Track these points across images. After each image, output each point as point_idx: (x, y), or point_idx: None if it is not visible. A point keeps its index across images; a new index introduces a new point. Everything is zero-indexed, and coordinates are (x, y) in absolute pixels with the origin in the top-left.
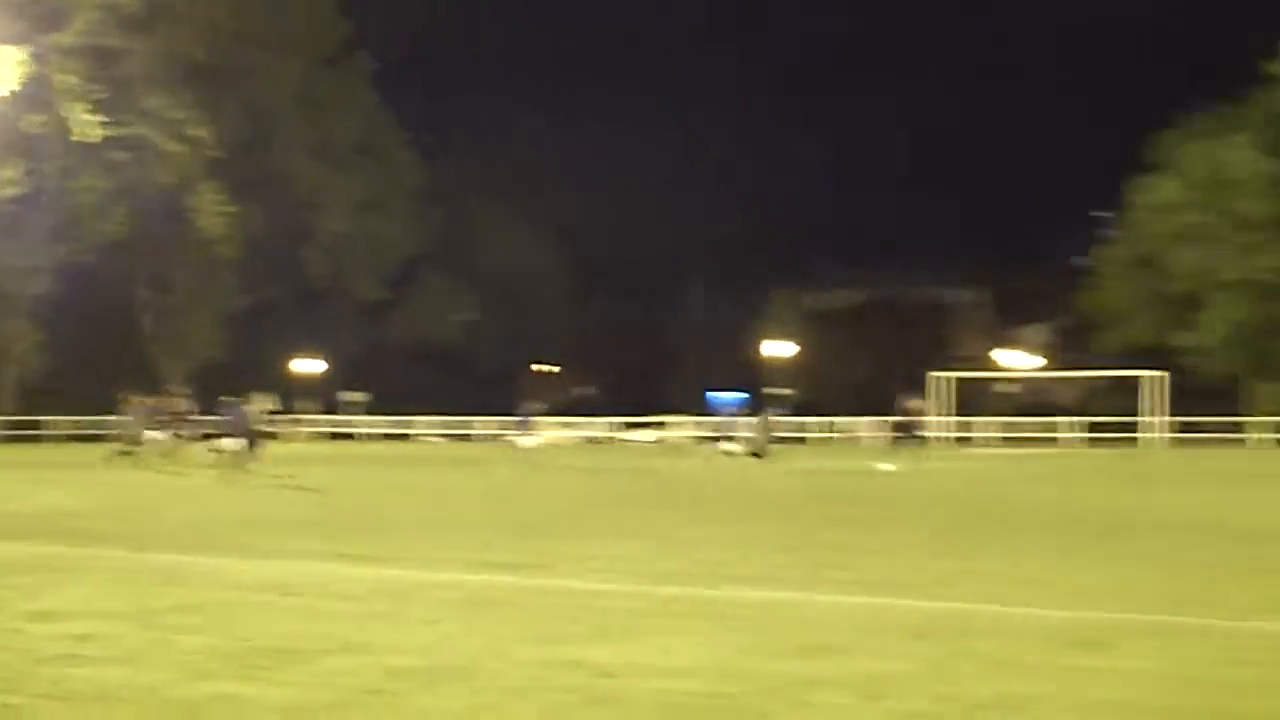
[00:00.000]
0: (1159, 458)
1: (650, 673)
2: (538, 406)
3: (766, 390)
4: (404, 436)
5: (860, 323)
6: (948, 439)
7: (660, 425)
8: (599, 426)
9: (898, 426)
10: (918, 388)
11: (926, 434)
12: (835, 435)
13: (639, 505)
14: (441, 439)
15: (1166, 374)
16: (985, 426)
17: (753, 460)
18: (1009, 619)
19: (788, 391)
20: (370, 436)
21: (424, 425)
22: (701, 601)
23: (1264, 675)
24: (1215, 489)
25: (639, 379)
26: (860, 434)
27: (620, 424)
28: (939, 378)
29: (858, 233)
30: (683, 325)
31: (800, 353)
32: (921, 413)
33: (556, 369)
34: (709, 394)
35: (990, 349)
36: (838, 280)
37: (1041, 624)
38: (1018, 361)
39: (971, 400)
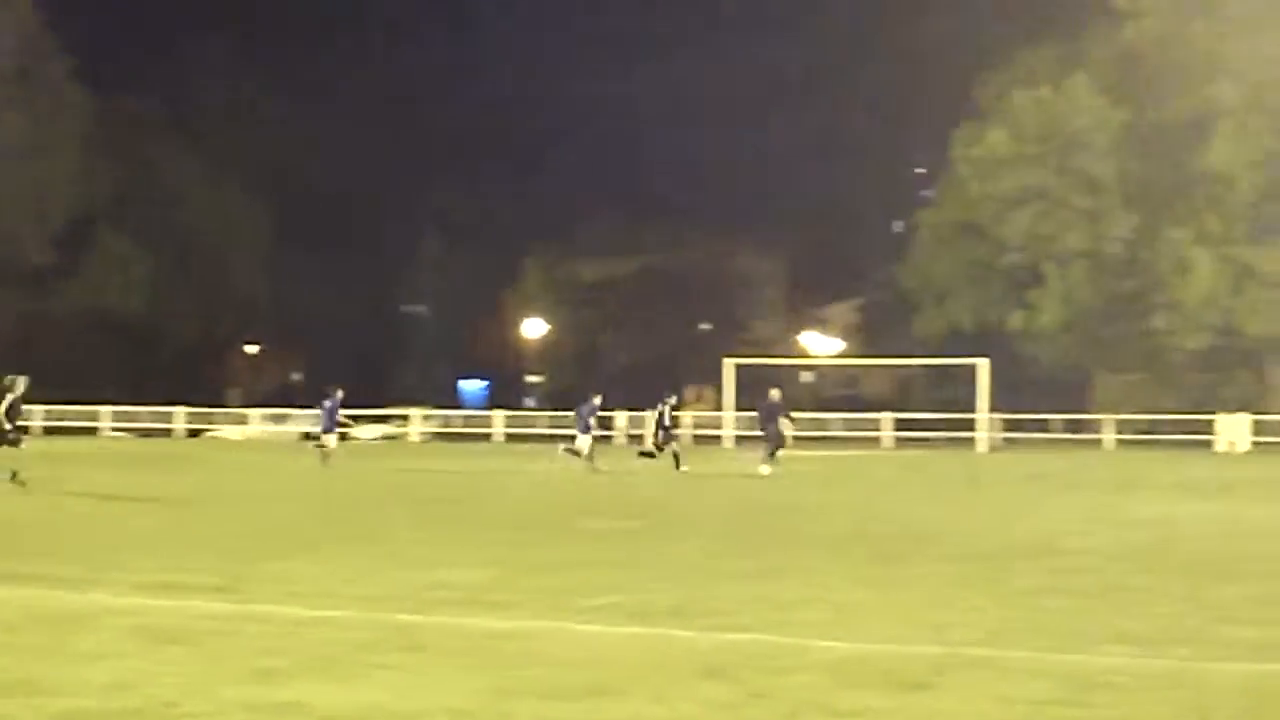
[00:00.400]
0: (985, 461)
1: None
2: (340, 396)
3: (531, 378)
4: (84, 430)
5: (632, 296)
6: (745, 437)
7: (391, 419)
8: (312, 419)
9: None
10: (704, 373)
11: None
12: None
13: (375, 510)
14: (127, 433)
15: (986, 362)
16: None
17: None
18: (813, 653)
19: (537, 378)
20: (34, 429)
21: (109, 417)
22: (445, 632)
23: (1102, 717)
24: (1045, 499)
25: (366, 362)
26: (636, 430)
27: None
28: (734, 363)
29: (631, 187)
30: (419, 297)
31: (557, 332)
32: (779, 405)
33: (260, 348)
34: (460, 382)
35: (791, 330)
36: (607, 245)
37: (852, 659)
38: (822, 345)
39: (768, 390)
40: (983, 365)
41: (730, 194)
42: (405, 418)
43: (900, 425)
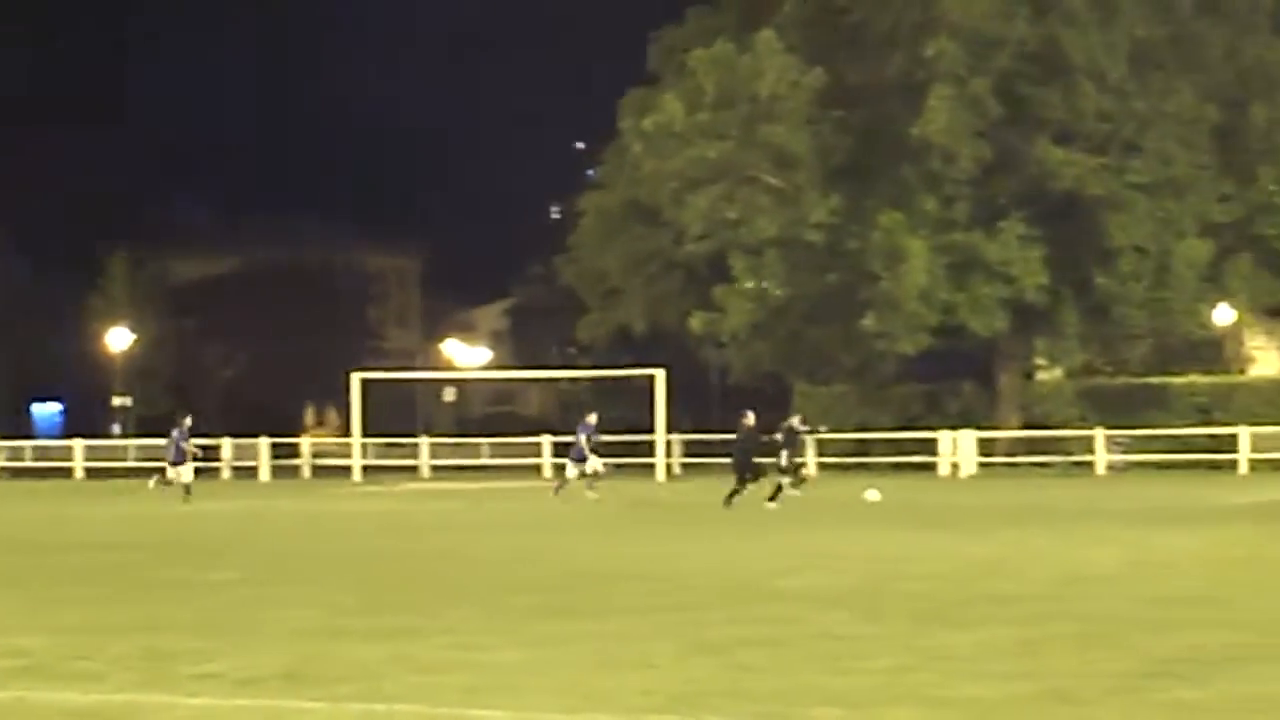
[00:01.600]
0: (664, 491)
1: None
2: (188, 424)
3: (117, 400)
4: None
5: (236, 301)
6: (378, 467)
7: None
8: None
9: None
10: (326, 391)
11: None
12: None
13: None
14: None
15: (663, 372)
16: (428, 449)
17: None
18: None
19: (124, 401)
20: None
21: None
22: (15, 710)
23: None
24: (739, 535)
25: None
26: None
27: None
28: (362, 379)
29: (227, 171)
30: None
31: (147, 344)
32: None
33: None
34: (33, 406)
35: (431, 339)
36: (203, 240)
37: None
38: (468, 356)
39: (402, 411)
40: (660, 376)
41: (350, 180)
42: None
43: (563, 449)
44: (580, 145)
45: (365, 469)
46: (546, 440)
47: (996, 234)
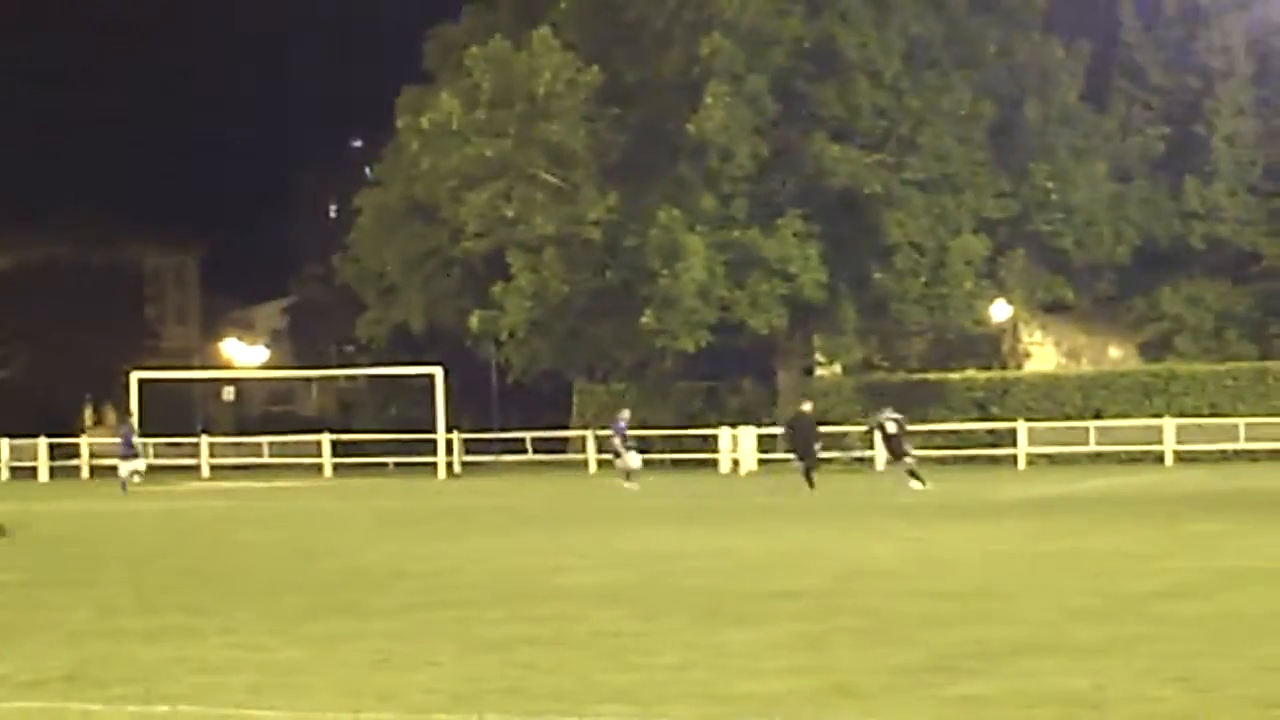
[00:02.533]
0: (444, 489)
1: None
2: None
3: None
4: None
5: (8, 299)
6: (157, 467)
7: None
8: None
9: None
10: (103, 391)
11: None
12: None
13: None
14: None
15: (441, 371)
16: (207, 449)
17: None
18: None
19: None
20: None
21: None
22: None
23: None
24: (516, 532)
25: None
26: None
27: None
28: (140, 378)
29: (9, 167)
30: None
31: None
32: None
33: None
34: None
35: (208, 338)
36: None
37: None
38: (246, 354)
39: (181, 410)
40: (439, 375)
41: (126, 175)
42: None
43: (343, 449)
44: (357, 143)
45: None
46: (326, 439)
47: (774, 231)
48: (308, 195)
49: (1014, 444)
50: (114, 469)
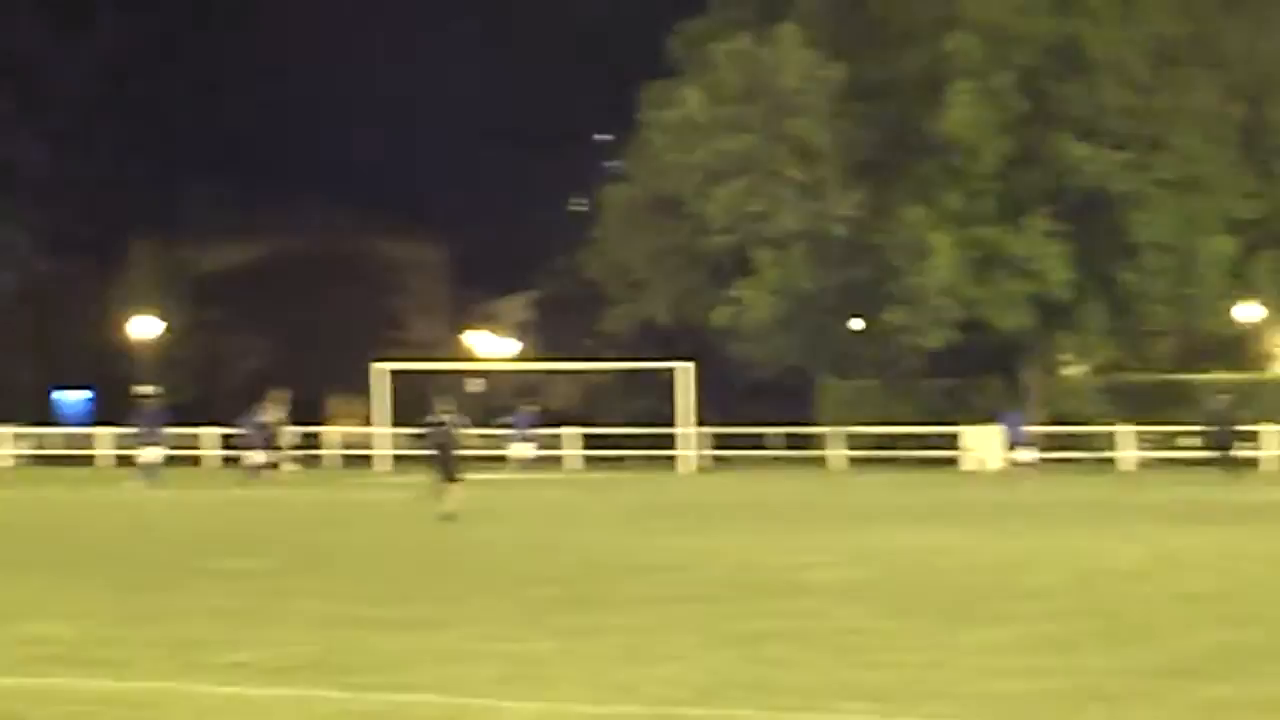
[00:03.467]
0: (690, 484)
1: None
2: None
3: (142, 390)
4: None
5: (257, 290)
6: (405, 457)
7: None
8: None
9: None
10: (351, 382)
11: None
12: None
13: None
14: None
15: (690, 366)
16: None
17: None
18: (485, 716)
19: (150, 390)
20: None
21: None
22: (41, 697)
23: None
24: (763, 528)
25: None
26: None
27: None
28: (387, 370)
29: (254, 162)
30: None
31: (173, 332)
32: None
33: None
34: (58, 394)
35: (455, 330)
36: (231, 229)
37: None
38: (493, 347)
39: (429, 401)
40: (685, 370)
41: (372, 166)
42: None
43: (589, 442)
44: (603, 137)
45: (394, 459)
46: (573, 432)
47: (1021, 229)
48: (554, 189)
49: (1258, 447)
50: (362, 459)
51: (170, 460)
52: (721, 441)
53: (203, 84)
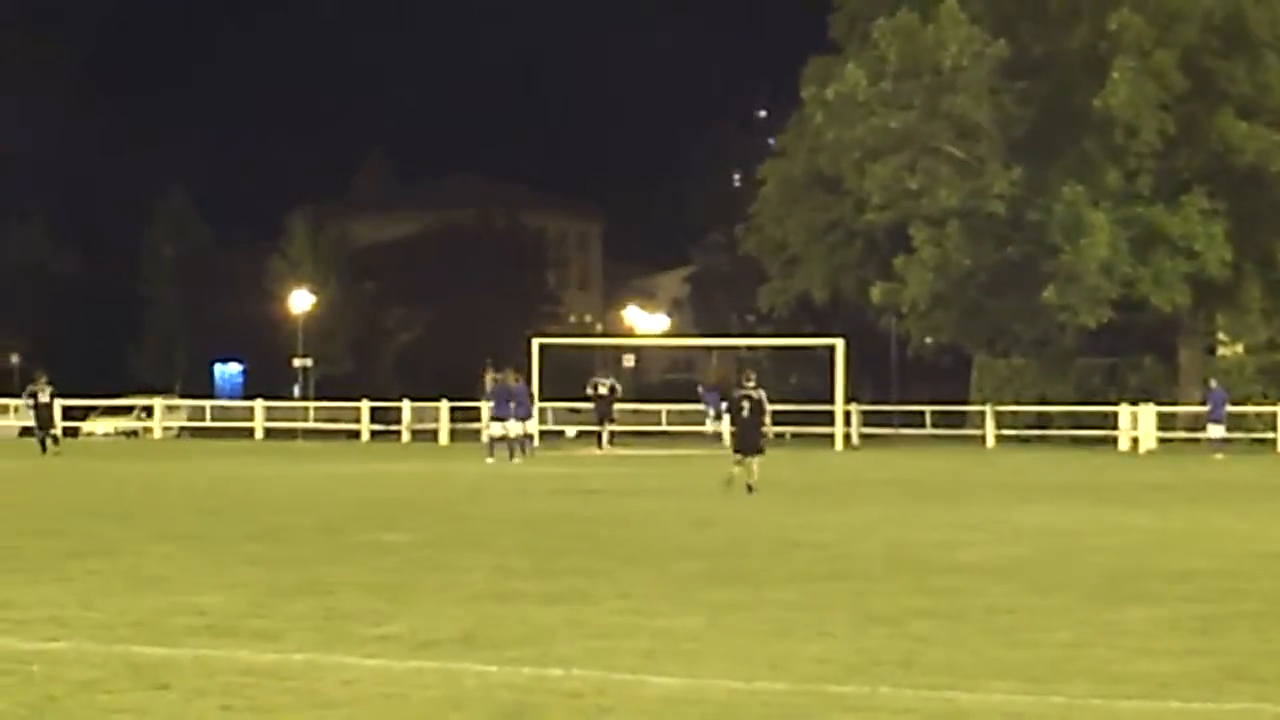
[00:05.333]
0: (842, 460)
1: None
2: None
3: (298, 361)
4: None
5: (415, 263)
6: (555, 432)
7: (129, 411)
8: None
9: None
10: (505, 355)
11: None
12: (388, 428)
13: (108, 521)
14: None
15: (842, 342)
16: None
17: None
18: (634, 690)
19: (304, 362)
20: None
21: None
22: (193, 667)
23: None
24: (914, 505)
25: (94, 342)
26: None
27: (75, 409)
28: (541, 344)
29: (410, 136)
30: (159, 262)
31: (329, 305)
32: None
33: None
34: (218, 367)
35: (610, 304)
36: (387, 203)
37: (680, 698)
38: (647, 322)
39: (583, 375)
40: (840, 346)
41: (530, 140)
42: (147, 409)
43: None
44: (762, 113)
45: (543, 434)
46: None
47: (1179, 208)
48: (711, 165)
49: None
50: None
51: (330, 434)
52: (876, 418)
53: (365, 63)
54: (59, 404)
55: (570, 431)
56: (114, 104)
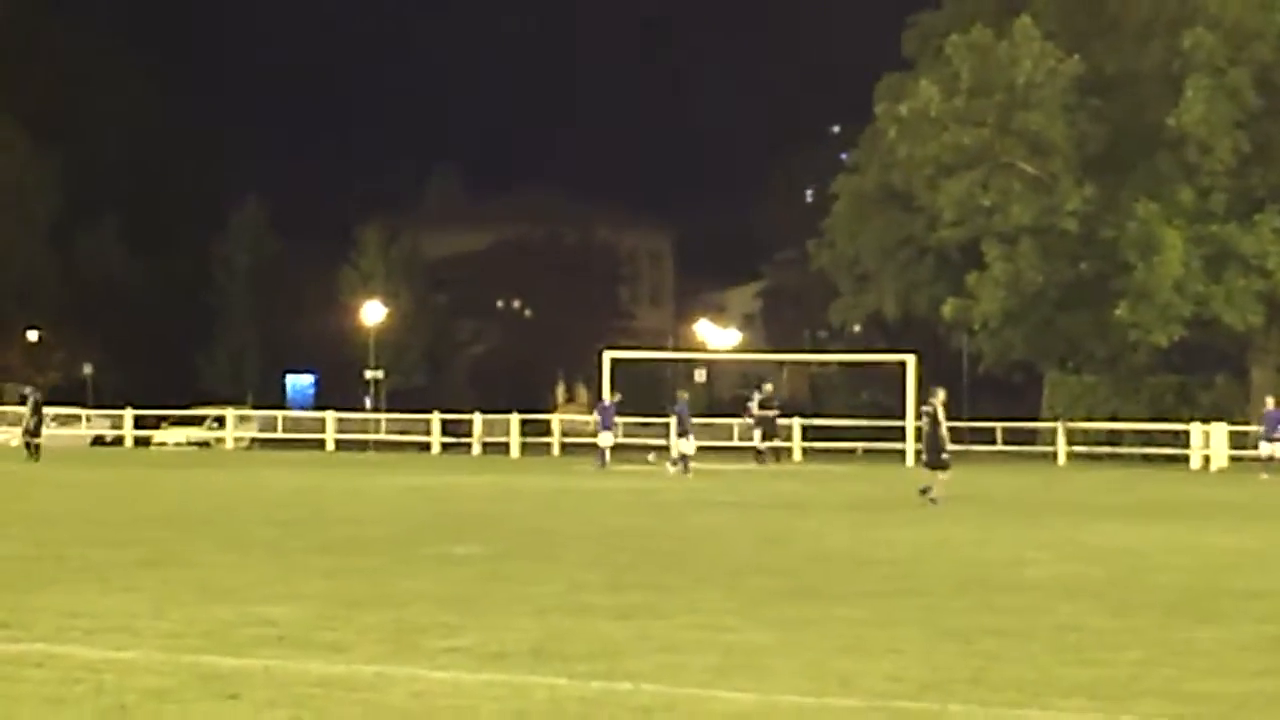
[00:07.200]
0: (913, 476)
1: None
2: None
3: (369, 373)
4: None
5: (487, 276)
6: (626, 446)
7: (202, 422)
8: (106, 421)
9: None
10: (576, 369)
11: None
12: (459, 440)
13: (180, 531)
14: None
15: (914, 358)
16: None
17: None
18: (705, 705)
19: (375, 374)
20: None
21: None
22: (264, 677)
23: None
24: (985, 523)
25: (166, 352)
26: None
27: (147, 419)
28: (613, 357)
29: (483, 149)
30: (233, 274)
31: (400, 317)
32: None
33: (41, 334)
34: (289, 378)
35: (681, 319)
36: (460, 215)
37: (752, 713)
38: (718, 337)
39: (654, 390)
40: (911, 362)
41: (601, 154)
42: (219, 420)
43: (812, 433)
44: (836, 129)
45: (614, 448)
46: (796, 423)
47: (1253, 226)
48: (784, 180)
49: None
50: (585, 447)
51: (401, 446)
52: (950, 435)
53: (434, 75)
54: (130, 413)
55: (652, 456)
56: (180, 106)
